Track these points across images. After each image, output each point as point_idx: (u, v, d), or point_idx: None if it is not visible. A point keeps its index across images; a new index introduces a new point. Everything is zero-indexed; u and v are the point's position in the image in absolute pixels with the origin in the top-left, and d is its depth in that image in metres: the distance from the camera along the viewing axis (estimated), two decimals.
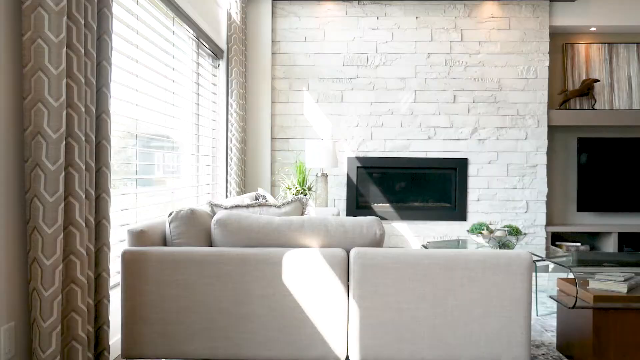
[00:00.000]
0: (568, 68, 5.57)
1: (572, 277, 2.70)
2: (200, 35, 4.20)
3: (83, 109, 1.95)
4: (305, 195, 4.64)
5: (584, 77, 5.54)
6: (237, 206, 2.46)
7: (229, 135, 4.87)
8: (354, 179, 5.38)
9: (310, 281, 2.19)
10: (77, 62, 1.91)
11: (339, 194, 5.39)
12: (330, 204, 5.38)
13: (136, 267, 2.19)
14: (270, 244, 2.27)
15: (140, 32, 3.02)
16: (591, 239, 5.57)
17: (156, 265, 2.19)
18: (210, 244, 2.37)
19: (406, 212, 5.40)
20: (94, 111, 2.06)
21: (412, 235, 5.36)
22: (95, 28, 2.06)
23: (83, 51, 1.94)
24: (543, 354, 2.69)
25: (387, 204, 5.45)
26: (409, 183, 5.53)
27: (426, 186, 5.53)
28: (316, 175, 4.74)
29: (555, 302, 2.92)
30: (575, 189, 5.59)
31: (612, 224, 5.54)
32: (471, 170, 5.36)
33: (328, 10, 5.35)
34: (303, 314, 2.19)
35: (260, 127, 5.34)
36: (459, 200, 5.36)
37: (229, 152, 4.88)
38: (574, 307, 2.40)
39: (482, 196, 5.36)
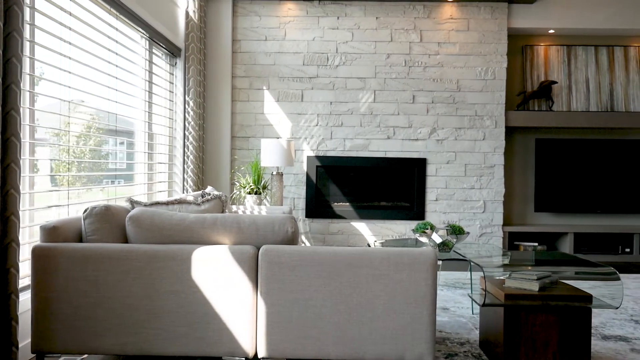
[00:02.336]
0: (527, 69, 5.63)
1: (503, 276, 2.74)
2: (153, 34, 4.21)
3: None
4: (259, 194, 4.66)
5: (543, 79, 5.60)
6: (157, 203, 2.48)
7: (186, 133, 4.89)
8: (314, 178, 5.41)
9: (219, 278, 2.21)
10: None
11: (298, 193, 5.41)
12: (289, 203, 5.41)
13: (46, 262, 2.21)
14: (183, 241, 2.29)
15: (74, 29, 3.02)
16: (549, 239, 5.63)
17: (66, 261, 2.21)
18: (127, 241, 2.38)
19: (365, 211, 5.43)
20: (1, 108, 2.08)
21: (371, 234, 5.40)
22: (2, 25, 2.08)
23: None
24: (464, 351, 2.73)
25: (347, 203, 5.49)
26: (368, 182, 5.57)
27: (385, 186, 5.57)
28: (271, 174, 4.77)
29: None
30: (533, 189, 5.65)
31: (568, 225, 5.60)
32: (430, 170, 5.41)
33: (289, 9, 5.37)
34: (212, 310, 2.21)
35: (220, 126, 5.36)
36: (418, 199, 5.41)
37: (186, 150, 4.89)
38: (483, 304, 2.44)
39: (440, 196, 5.41)
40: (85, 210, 2.33)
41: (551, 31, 5.52)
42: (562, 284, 2.65)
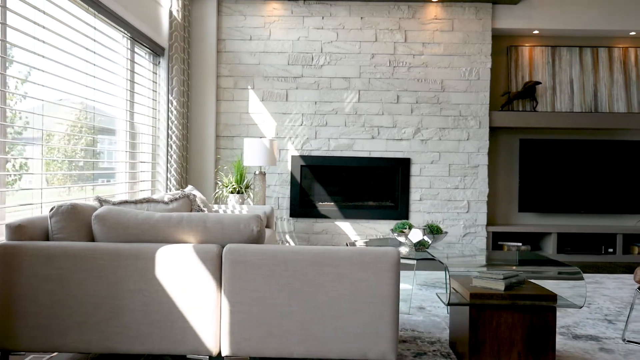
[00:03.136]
0: (512, 70, 5.65)
1: (473, 275, 2.75)
2: (135, 33, 4.21)
3: None
4: (242, 193, 4.67)
5: (527, 79, 5.61)
6: (125, 202, 2.49)
7: (169, 132, 4.89)
8: (298, 178, 5.41)
9: (183, 276, 2.22)
10: None
11: (283, 193, 5.42)
12: (274, 202, 5.42)
13: (11, 261, 2.21)
14: (149, 240, 2.30)
15: (48, 28, 3.02)
16: (532, 239, 5.65)
17: (31, 259, 2.21)
18: (93, 240, 2.39)
19: (350, 211, 5.44)
20: None
21: (355, 234, 5.41)
22: None
23: None
24: (434, 350, 2.74)
25: (332, 203, 5.50)
26: (353, 182, 5.58)
27: (370, 185, 5.59)
28: (254, 174, 4.78)
29: None
30: (517, 189, 5.67)
31: (552, 225, 5.62)
32: (414, 170, 5.42)
33: (274, 9, 5.38)
34: (176, 309, 2.22)
35: (205, 125, 5.37)
36: (402, 199, 5.42)
37: (169, 149, 4.89)
38: (448, 303, 2.45)
39: (424, 196, 5.42)
40: (52, 209, 2.34)
41: (536, 32, 5.54)
42: (530, 284, 2.66)
